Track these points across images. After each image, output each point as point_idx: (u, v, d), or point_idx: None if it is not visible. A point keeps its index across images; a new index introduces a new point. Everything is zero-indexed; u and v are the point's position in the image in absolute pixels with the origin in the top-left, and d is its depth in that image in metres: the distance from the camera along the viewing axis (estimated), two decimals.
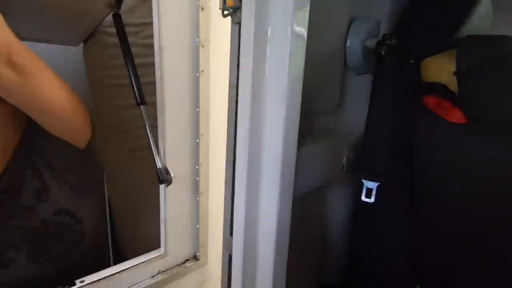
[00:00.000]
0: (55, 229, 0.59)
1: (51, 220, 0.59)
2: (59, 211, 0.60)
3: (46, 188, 0.59)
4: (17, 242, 0.56)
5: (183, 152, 0.59)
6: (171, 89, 0.55)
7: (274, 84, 0.35)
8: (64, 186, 0.61)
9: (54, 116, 0.53)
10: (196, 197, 0.62)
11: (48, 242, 0.59)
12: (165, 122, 0.55)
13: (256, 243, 0.40)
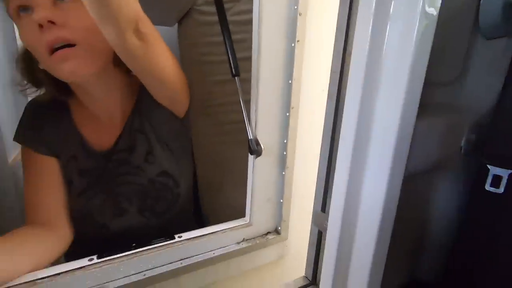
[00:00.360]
0: (158, 189, 0.66)
1: (156, 180, 0.66)
2: (162, 173, 0.66)
3: (153, 152, 0.66)
4: (130, 196, 0.65)
5: (273, 125, 0.59)
6: (267, 60, 0.54)
7: (396, 51, 0.31)
8: (166, 151, 0.67)
9: (164, 83, 0.58)
10: (282, 171, 0.62)
11: (152, 199, 0.66)
12: (259, 93, 0.55)
13: (355, 222, 0.38)
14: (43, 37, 0.48)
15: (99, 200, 0.63)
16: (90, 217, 0.62)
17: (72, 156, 0.62)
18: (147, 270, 0.52)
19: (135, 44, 0.47)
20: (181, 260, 0.55)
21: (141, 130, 0.65)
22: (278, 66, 0.55)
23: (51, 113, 0.63)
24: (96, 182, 0.64)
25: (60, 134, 0.62)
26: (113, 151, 0.64)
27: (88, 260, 0.49)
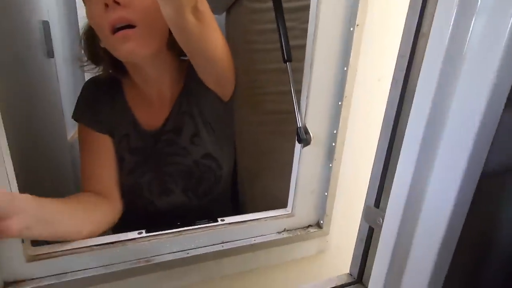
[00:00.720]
0: (202, 170, 0.68)
1: (200, 162, 0.67)
2: (206, 155, 0.68)
3: (198, 134, 0.67)
4: (175, 176, 0.67)
5: (323, 114, 0.56)
6: (322, 45, 0.51)
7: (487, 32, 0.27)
8: (211, 133, 0.68)
9: (214, 63, 0.59)
10: (329, 163, 0.59)
11: (196, 180, 0.68)
12: (311, 80, 0.53)
13: (417, 221, 0.34)
14: (107, 16, 0.51)
15: (148, 178, 0.66)
16: (139, 193, 0.66)
17: (125, 135, 0.66)
18: (190, 249, 0.53)
19: (192, 23, 0.47)
20: (223, 243, 0.56)
21: (188, 112, 0.67)
22: (333, 52, 0.53)
23: (107, 93, 0.66)
24: (145, 161, 0.66)
25: (115, 114, 0.65)
26: (161, 131, 0.66)
27: (138, 233, 0.51)
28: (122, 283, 0.49)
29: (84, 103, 0.66)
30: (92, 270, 0.47)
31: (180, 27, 0.48)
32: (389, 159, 0.41)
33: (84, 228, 0.49)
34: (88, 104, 0.65)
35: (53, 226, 0.43)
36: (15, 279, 0.43)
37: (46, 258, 0.45)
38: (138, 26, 0.53)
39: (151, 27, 0.55)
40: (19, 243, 0.43)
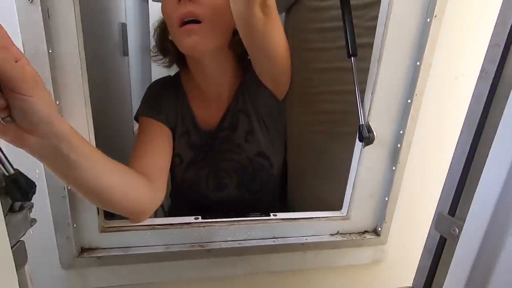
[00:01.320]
0: (255, 168, 0.68)
1: (253, 159, 0.68)
2: (259, 153, 0.68)
3: (252, 132, 0.68)
4: (230, 172, 0.69)
5: (390, 112, 0.53)
6: (394, 37, 0.48)
7: None
8: (264, 132, 0.69)
9: (274, 60, 0.59)
10: (393, 166, 0.55)
11: (249, 177, 0.69)
12: (378, 75, 0.50)
13: (505, 233, 0.30)
14: (178, 10, 0.55)
15: (205, 173, 0.69)
16: (197, 187, 0.68)
17: (185, 131, 0.69)
18: (242, 240, 0.54)
19: (259, 18, 0.48)
20: (274, 238, 0.55)
21: (243, 110, 0.68)
22: (406, 46, 0.49)
23: (170, 92, 0.70)
24: (203, 157, 0.69)
25: (177, 111, 0.69)
26: (218, 129, 0.69)
27: (194, 218, 0.53)
28: (177, 264, 0.52)
29: (148, 100, 0.69)
30: (152, 248, 0.50)
31: (248, 21, 0.49)
32: (472, 160, 0.36)
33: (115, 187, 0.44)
34: (152, 100, 0.68)
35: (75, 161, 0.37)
36: (89, 246, 0.48)
37: (115, 231, 0.49)
38: (203, 22, 0.56)
39: (215, 24, 0.57)
40: (95, 215, 0.48)
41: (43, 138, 0.33)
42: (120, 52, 1.05)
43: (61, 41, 0.40)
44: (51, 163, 0.37)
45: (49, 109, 0.33)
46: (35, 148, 0.34)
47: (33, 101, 0.30)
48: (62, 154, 0.35)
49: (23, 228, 0.28)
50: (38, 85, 0.31)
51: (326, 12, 0.94)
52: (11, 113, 0.30)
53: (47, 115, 0.32)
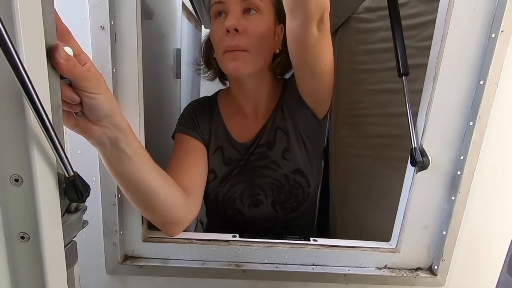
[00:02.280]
0: (292, 186, 0.66)
1: (290, 177, 0.66)
2: (297, 170, 0.66)
3: (290, 149, 0.67)
4: (266, 189, 0.68)
5: (448, 136, 0.48)
6: (451, 54, 0.45)
7: None
8: (302, 149, 0.67)
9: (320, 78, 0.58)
10: (452, 196, 0.49)
11: (285, 195, 0.67)
12: (434, 94, 0.46)
13: None
14: (225, 40, 0.59)
15: (240, 189, 0.68)
16: (232, 203, 0.68)
17: (219, 147, 0.70)
18: (279, 264, 0.51)
19: (313, 35, 0.49)
20: (313, 265, 0.52)
21: (281, 127, 0.67)
22: (466, 63, 0.45)
23: (205, 110, 0.72)
24: (238, 173, 0.69)
25: (211, 128, 0.71)
26: (253, 144, 0.69)
27: (232, 236, 0.52)
28: (213, 282, 0.51)
29: (184, 118, 0.71)
30: (190, 262, 0.50)
31: (302, 39, 0.50)
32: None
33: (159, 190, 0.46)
34: (188, 118, 0.70)
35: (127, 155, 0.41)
36: (132, 254, 0.50)
37: (157, 241, 0.50)
38: (248, 51, 0.59)
39: (259, 51, 0.60)
40: (140, 224, 0.50)
41: (105, 129, 0.39)
42: (174, 74, 1.14)
43: (124, 62, 0.44)
44: (108, 154, 0.41)
45: (111, 105, 0.38)
46: (98, 139, 0.39)
47: (98, 97, 0.35)
48: (118, 147, 0.41)
49: (76, 229, 0.30)
50: (101, 84, 0.36)
51: (375, 34, 0.92)
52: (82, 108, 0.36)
53: (109, 110, 0.38)
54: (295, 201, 0.68)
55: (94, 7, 0.42)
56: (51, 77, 0.27)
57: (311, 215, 0.77)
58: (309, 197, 0.69)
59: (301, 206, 0.70)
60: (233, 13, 0.59)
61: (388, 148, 0.85)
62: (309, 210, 0.73)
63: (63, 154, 0.24)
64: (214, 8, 0.61)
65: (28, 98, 0.20)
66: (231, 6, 0.59)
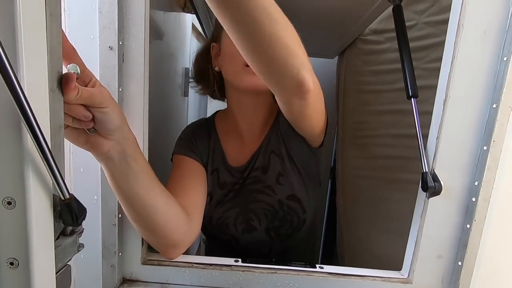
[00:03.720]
0: (285, 212, 0.64)
1: (284, 203, 0.64)
2: (291, 196, 0.64)
3: (284, 173, 0.65)
4: (260, 215, 0.66)
5: (460, 160, 0.46)
6: (462, 76, 0.44)
7: None
8: (297, 175, 0.65)
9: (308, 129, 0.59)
10: (467, 224, 0.47)
11: (279, 221, 0.65)
12: (444, 117, 0.45)
13: None
14: None
15: (234, 214, 0.66)
16: (225, 227, 0.66)
17: (215, 169, 0.68)
18: None
19: (296, 106, 0.48)
20: None
21: (275, 151, 0.66)
22: (478, 86, 0.44)
23: (203, 132, 0.71)
24: (232, 197, 0.67)
25: (209, 149, 0.69)
26: (248, 168, 0.67)
27: (234, 260, 0.50)
28: None
29: (183, 139, 0.70)
30: (189, 287, 0.48)
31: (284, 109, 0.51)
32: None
33: (162, 209, 0.45)
34: (187, 139, 0.69)
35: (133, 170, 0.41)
36: (131, 277, 0.49)
37: (156, 264, 0.49)
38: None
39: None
40: (140, 245, 0.48)
41: (115, 142, 0.39)
42: (182, 93, 1.15)
43: (131, 81, 0.45)
44: (114, 169, 0.41)
45: (121, 117, 0.39)
46: (106, 154, 0.39)
47: (107, 111, 0.36)
48: (126, 161, 0.40)
49: (71, 252, 0.29)
50: (106, 98, 0.36)
51: (382, 55, 0.92)
52: (95, 124, 0.37)
53: (120, 122, 0.38)
54: (290, 227, 0.65)
55: (104, 28, 0.43)
56: (54, 98, 0.27)
57: (310, 244, 0.74)
58: (305, 224, 0.66)
59: (297, 233, 0.67)
60: None
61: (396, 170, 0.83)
62: (307, 238, 0.70)
63: (59, 176, 0.23)
64: None
65: (25, 120, 0.20)
66: None
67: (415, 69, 0.65)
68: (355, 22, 0.75)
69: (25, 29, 0.22)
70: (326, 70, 1.24)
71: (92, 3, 0.42)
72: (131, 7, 0.43)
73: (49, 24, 0.26)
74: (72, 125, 0.35)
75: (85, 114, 0.34)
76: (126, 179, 0.41)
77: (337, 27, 0.81)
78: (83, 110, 0.34)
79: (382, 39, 0.90)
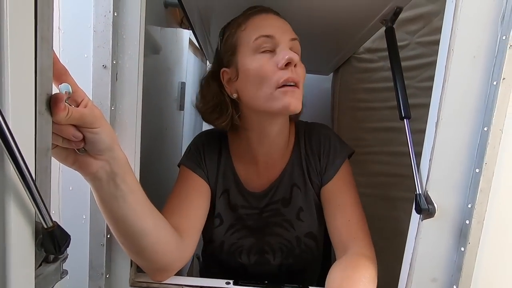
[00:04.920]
0: (302, 250, 0.63)
1: (302, 240, 0.63)
2: (309, 233, 0.63)
3: (305, 209, 0.63)
4: (275, 249, 0.64)
5: (453, 182, 0.46)
6: (453, 98, 0.44)
7: None
8: (317, 212, 0.64)
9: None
10: (461, 246, 0.46)
11: (293, 259, 0.63)
12: (436, 140, 0.45)
13: None
14: (280, 73, 0.54)
15: (249, 243, 0.64)
16: (237, 255, 0.64)
17: (225, 190, 0.66)
18: None
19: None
20: None
21: (298, 184, 0.64)
22: (468, 109, 0.44)
23: (214, 147, 0.67)
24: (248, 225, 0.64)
25: (219, 168, 0.66)
26: (266, 196, 0.65)
27: (226, 282, 0.49)
28: None
29: (192, 152, 0.66)
30: None
31: None
32: None
33: (151, 232, 0.44)
34: (197, 152, 0.66)
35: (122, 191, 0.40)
36: None
37: (145, 286, 0.47)
38: (298, 88, 0.56)
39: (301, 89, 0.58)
40: (128, 267, 0.47)
41: (104, 163, 0.39)
42: (177, 106, 1.16)
43: (124, 100, 0.45)
44: (103, 190, 0.40)
45: (111, 137, 0.38)
46: (95, 174, 0.39)
47: (98, 131, 0.36)
48: (114, 182, 0.40)
49: (53, 281, 0.28)
50: (98, 118, 0.36)
51: (376, 73, 0.94)
52: (85, 144, 0.36)
53: (110, 142, 0.38)
54: (303, 264, 0.64)
55: (98, 47, 0.43)
56: (42, 121, 0.27)
57: (316, 273, 0.71)
58: (317, 261, 0.65)
59: (309, 268, 0.66)
60: (286, 45, 0.55)
61: (391, 187, 0.82)
62: (316, 268, 0.69)
63: (42, 204, 0.22)
64: (258, 43, 0.56)
65: (6, 147, 0.19)
66: (283, 38, 0.55)
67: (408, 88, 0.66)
68: (349, 42, 0.77)
69: (12, 52, 0.22)
70: (321, 86, 1.25)
71: (87, 23, 0.43)
72: (126, 27, 0.43)
73: (40, 47, 0.26)
74: (62, 145, 0.34)
75: (75, 135, 0.34)
76: (114, 200, 0.40)
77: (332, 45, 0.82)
78: (74, 130, 0.34)
79: (375, 58, 0.92)
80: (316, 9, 0.65)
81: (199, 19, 0.79)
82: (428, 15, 0.82)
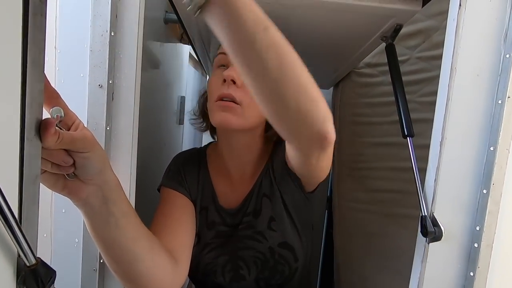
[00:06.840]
0: (276, 260, 0.61)
1: (276, 251, 0.61)
2: (283, 243, 0.61)
3: (276, 218, 0.62)
4: (249, 263, 0.62)
5: (460, 204, 0.44)
6: (457, 117, 0.43)
7: None
8: (290, 220, 0.62)
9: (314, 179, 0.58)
10: (470, 271, 0.44)
11: (269, 271, 0.61)
12: (441, 159, 0.44)
13: None
14: (221, 88, 0.56)
15: (222, 261, 0.63)
16: (213, 275, 0.62)
17: (204, 207, 0.65)
18: None
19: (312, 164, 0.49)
20: None
21: (267, 194, 0.63)
22: (474, 128, 0.43)
23: (194, 165, 0.68)
24: (222, 242, 0.63)
25: (198, 184, 0.66)
26: (240, 211, 0.64)
27: None
28: None
29: (172, 171, 0.67)
30: None
31: (296, 164, 0.51)
32: None
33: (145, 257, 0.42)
34: (176, 171, 0.66)
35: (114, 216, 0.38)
36: None
37: None
38: (241, 105, 0.55)
39: (252, 109, 0.57)
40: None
41: (95, 187, 0.37)
42: (177, 120, 1.15)
43: (120, 119, 0.44)
44: (94, 216, 0.39)
45: (103, 161, 0.37)
46: (85, 200, 0.37)
47: (89, 155, 0.34)
48: (106, 207, 0.38)
49: None
50: (89, 142, 0.35)
51: (376, 88, 0.93)
52: (75, 169, 0.35)
53: (101, 166, 0.36)
54: (281, 278, 0.61)
55: (95, 66, 0.42)
56: (31, 147, 0.26)
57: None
58: (296, 273, 0.62)
59: (289, 283, 0.63)
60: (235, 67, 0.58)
61: (393, 204, 0.81)
62: (302, 283, 0.66)
63: (24, 241, 0.21)
64: (218, 59, 0.62)
65: None
66: None
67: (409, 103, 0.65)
68: (349, 57, 0.76)
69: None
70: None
71: (84, 42, 0.42)
72: (123, 46, 0.43)
73: (30, 72, 0.25)
74: (51, 170, 0.33)
75: (65, 160, 0.32)
76: (106, 226, 0.39)
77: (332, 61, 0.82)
78: (64, 155, 0.32)
79: (376, 72, 0.92)
80: (317, 25, 0.65)
81: (198, 35, 0.79)
82: (427, 30, 0.82)
